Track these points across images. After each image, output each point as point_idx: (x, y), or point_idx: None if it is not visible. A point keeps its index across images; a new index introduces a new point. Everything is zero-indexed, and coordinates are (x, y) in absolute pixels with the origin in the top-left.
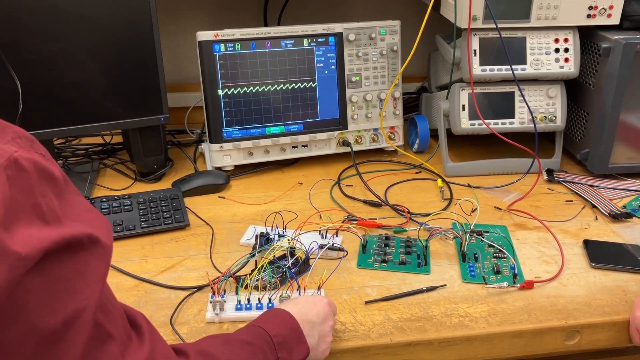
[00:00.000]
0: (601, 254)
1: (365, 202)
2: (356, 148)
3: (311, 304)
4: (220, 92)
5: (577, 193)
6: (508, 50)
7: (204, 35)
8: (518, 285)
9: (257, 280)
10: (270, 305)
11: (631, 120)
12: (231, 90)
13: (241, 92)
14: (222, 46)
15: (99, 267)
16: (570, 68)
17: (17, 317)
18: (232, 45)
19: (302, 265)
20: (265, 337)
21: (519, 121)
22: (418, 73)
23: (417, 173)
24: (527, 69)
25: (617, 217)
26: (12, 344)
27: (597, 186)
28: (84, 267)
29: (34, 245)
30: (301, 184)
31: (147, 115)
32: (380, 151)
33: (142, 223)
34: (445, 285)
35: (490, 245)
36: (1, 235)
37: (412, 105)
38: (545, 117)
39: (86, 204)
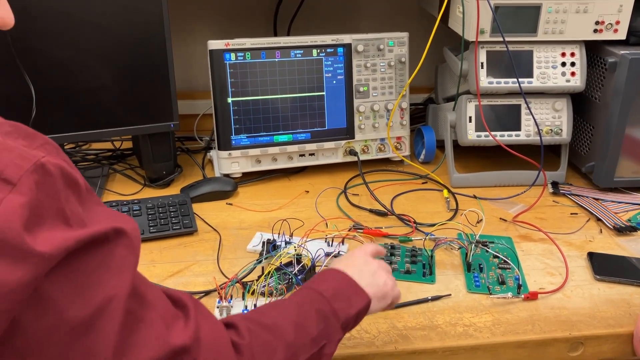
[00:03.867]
0: (605, 267)
1: (371, 211)
2: (363, 157)
3: (357, 257)
4: (229, 100)
5: (582, 206)
6: (515, 64)
7: (215, 44)
8: (522, 296)
9: (264, 286)
10: None
11: (637, 135)
12: (241, 99)
13: (250, 100)
14: (233, 55)
15: (125, 256)
16: (577, 82)
17: (46, 310)
18: (243, 54)
19: (309, 272)
20: (314, 294)
21: (525, 133)
22: (425, 84)
23: (423, 183)
24: (534, 82)
25: (622, 230)
26: (43, 335)
27: (602, 199)
28: (109, 258)
29: (57, 245)
30: (308, 192)
31: (157, 121)
32: (387, 161)
33: (151, 228)
34: (450, 294)
35: (495, 256)
36: (25, 236)
37: (419, 116)
38: (551, 130)
39: (108, 210)
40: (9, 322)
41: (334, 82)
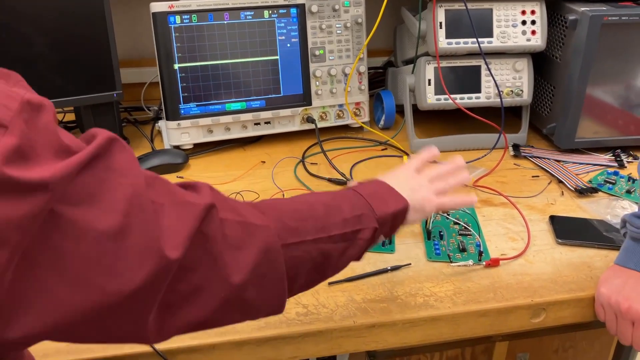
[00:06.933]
0: (567, 230)
1: (330, 180)
2: (321, 125)
3: (400, 172)
4: (176, 66)
5: (543, 168)
6: (474, 23)
7: (158, 7)
8: (484, 263)
9: None
10: None
11: (597, 94)
12: (188, 65)
13: (199, 66)
14: (178, 18)
15: (126, 157)
16: (537, 41)
17: (80, 233)
18: (189, 17)
19: None
20: (349, 191)
21: (486, 95)
22: (385, 47)
23: (383, 150)
24: (494, 42)
25: (583, 192)
26: (89, 254)
27: (563, 161)
28: (115, 163)
29: (59, 172)
30: (264, 162)
31: (99, 91)
32: (346, 128)
33: None
34: (410, 264)
35: (456, 223)
36: (21, 172)
37: (379, 80)
38: (511, 91)
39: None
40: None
41: (288, 45)
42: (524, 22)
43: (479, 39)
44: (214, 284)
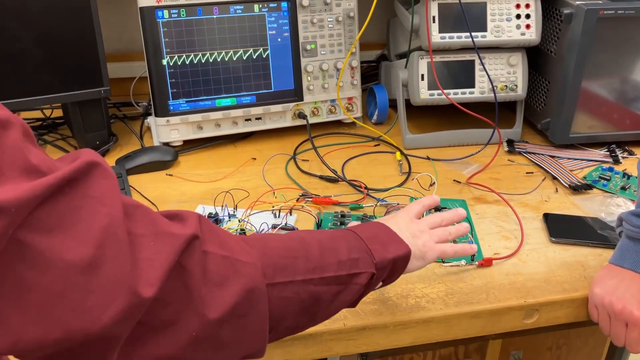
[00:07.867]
0: (561, 228)
1: (321, 177)
2: (313, 120)
3: (399, 217)
4: (164, 61)
5: (537, 164)
6: (468, 17)
7: (146, 1)
8: (476, 262)
9: None
10: None
11: (593, 89)
12: (177, 60)
13: (187, 61)
14: (166, 12)
15: (107, 184)
16: (532, 35)
17: (46, 263)
18: (177, 11)
19: None
20: (349, 232)
21: (479, 90)
22: (378, 40)
23: (375, 146)
24: (488, 36)
25: (577, 188)
26: (58, 285)
27: (557, 157)
28: (93, 190)
29: (22, 195)
30: (255, 159)
31: (86, 88)
32: (339, 123)
33: None
34: None
35: None
36: None
37: (372, 74)
38: (506, 86)
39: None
40: None
41: (279, 39)
42: (518, 16)
43: (473, 33)
44: (187, 320)
